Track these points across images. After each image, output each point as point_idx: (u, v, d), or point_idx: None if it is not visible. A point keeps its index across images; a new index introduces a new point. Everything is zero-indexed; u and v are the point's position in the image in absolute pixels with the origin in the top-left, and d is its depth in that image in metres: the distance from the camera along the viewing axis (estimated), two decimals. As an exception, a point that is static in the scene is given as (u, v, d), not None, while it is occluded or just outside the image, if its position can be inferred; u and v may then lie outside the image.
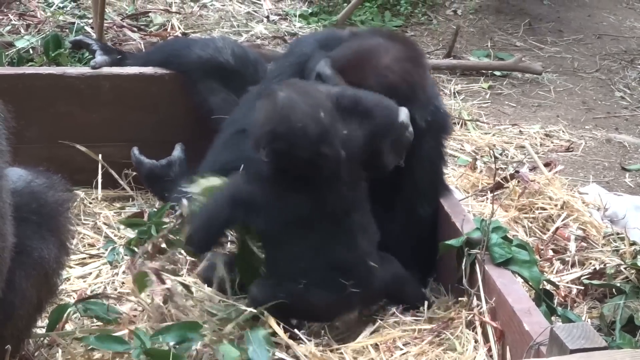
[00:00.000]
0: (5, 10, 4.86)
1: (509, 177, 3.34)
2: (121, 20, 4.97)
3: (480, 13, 6.11)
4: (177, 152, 3.13)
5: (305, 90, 2.30)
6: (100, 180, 3.18)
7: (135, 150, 3.15)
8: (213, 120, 3.06)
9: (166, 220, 2.61)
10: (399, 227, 2.65)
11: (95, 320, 2.35)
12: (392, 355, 2.25)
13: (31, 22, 4.67)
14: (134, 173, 3.21)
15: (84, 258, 2.81)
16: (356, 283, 2.25)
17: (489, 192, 3.31)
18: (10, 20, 4.72)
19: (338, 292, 2.24)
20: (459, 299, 2.43)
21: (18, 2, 4.99)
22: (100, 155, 3.19)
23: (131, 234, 2.91)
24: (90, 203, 3.15)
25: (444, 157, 2.79)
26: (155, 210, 2.98)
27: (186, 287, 2.36)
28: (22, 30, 4.57)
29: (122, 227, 2.98)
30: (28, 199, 2.02)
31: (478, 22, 5.98)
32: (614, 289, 2.68)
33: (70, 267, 2.66)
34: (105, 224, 3.04)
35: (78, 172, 3.11)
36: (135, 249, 2.68)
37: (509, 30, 5.95)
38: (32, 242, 2.00)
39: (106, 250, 2.82)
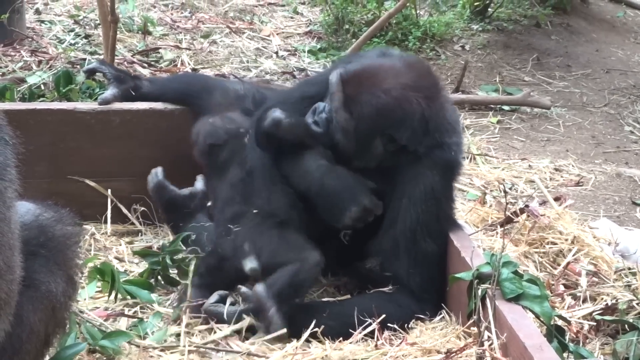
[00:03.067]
0: (17, 47, 4.91)
1: (518, 211, 3.32)
2: (132, 56, 5.02)
3: (488, 48, 6.14)
4: (199, 184, 3.10)
5: None
6: (109, 215, 3.19)
7: (160, 172, 3.09)
8: None
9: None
10: (406, 262, 2.64)
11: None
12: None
13: (43, 59, 4.73)
14: (142, 208, 3.21)
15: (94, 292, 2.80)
16: None
17: (498, 226, 3.29)
18: (22, 56, 4.78)
19: None
20: (471, 329, 2.42)
21: (30, 39, 5.05)
22: (109, 190, 3.20)
23: (141, 268, 2.92)
24: (100, 238, 3.15)
25: (451, 193, 2.76)
26: (169, 242, 3.00)
27: None
28: (34, 67, 4.62)
29: (135, 260, 2.99)
30: (36, 233, 2.02)
31: (486, 57, 6.01)
32: (626, 325, 2.64)
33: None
34: (116, 258, 3.04)
35: (87, 207, 3.12)
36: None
37: (517, 65, 5.98)
38: (39, 275, 2.00)
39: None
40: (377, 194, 2.68)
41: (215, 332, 2.51)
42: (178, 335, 2.51)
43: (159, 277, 2.85)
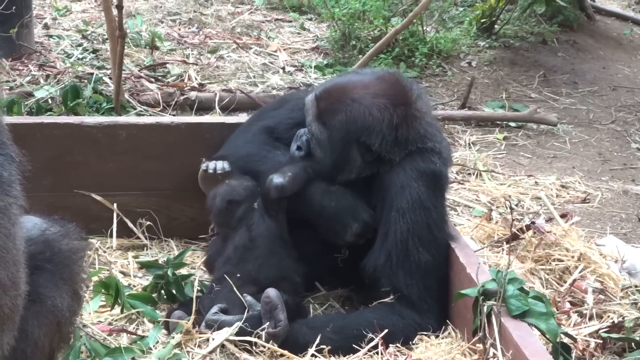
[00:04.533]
0: (25, 61, 4.94)
1: (524, 228, 3.32)
2: (139, 71, 5.05)
3: (494, 65, 6.15)
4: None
5: None
6: (115, 229, 3.19)
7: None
8: None
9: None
10: (402, 275, 2.64)
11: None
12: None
13: (50, 73, 4.75)
14: (148, 222, 3.22)
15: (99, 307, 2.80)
16: None
17: (504, 243, 3.29)
18: (30, 70, 4.80)
19: None
20: (476, 345, 2.41)
21: (38, 54, 5.08)
22: (115, 204, 3.21)
23: (145, 282, 2.92)
24: (105, 252, 3.15)
25: (440, 203, 2.77)
26: (174, 256, 3.01)
27: None
28: (42, 81, 4.65)
29: (140, 275, 2.98)
30: (42, 247, 2.03)
31: (493, 73, 6.02)
32: (633, 343, 2.63)
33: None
34: (121, 272, 3.03)
35: (93, 221, 3.13)
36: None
37: (524, 82, 5.98)
38: (45, 290, 2.00)
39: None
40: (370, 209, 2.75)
41: (213, 340, 2.49)
42: (178, 345, 2.50)
43: (162, 292, 2.85)
